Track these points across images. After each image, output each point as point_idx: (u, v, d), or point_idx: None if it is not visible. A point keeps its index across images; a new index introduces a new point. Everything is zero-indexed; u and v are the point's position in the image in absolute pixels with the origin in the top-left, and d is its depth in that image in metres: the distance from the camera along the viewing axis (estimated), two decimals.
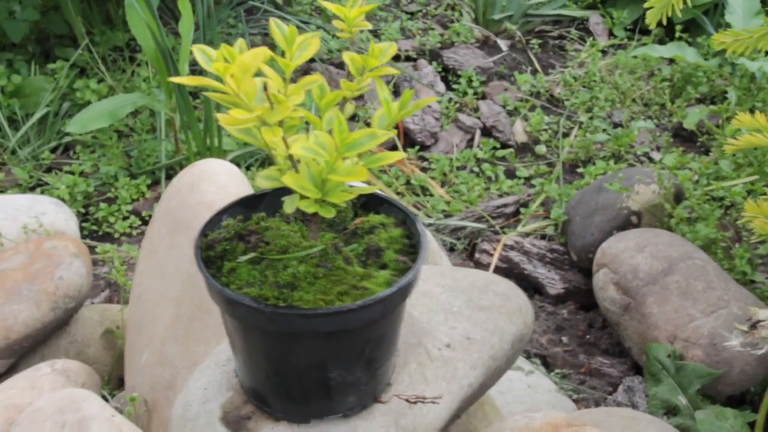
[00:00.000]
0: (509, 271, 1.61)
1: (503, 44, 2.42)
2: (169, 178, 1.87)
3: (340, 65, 2.34)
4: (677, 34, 2.32)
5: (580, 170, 1.88)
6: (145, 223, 1.78)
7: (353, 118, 2.06)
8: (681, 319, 1.32)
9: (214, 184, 1.19)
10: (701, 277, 1.36)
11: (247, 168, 1.90)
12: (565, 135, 2.08)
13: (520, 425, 0.85)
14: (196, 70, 2.09)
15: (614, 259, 1.43)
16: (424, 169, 1.96)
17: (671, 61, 2.31)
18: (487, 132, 2.09)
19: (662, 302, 1.35)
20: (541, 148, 2.02)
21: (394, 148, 2.03)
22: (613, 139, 1.96)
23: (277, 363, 0.78)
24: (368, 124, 2.08)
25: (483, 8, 2.49)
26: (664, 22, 1.11)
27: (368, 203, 0.89)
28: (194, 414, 0.87)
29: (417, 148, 2.01)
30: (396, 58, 2.35)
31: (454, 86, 2.23)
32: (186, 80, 0.68)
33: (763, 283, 1.48)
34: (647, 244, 1.43)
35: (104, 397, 1.24)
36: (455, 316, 0.97)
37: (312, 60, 2.36)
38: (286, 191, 0.82)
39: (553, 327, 1.50)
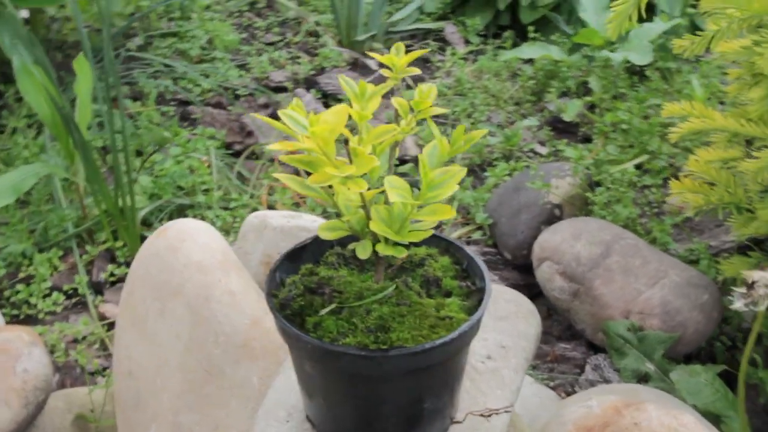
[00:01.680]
0: None
1: (372, 64, 2.51)
2: (80, 246, 1.80)
3: (217, 105, 2.33)
4: (530, 35, 2.50)
5: (486, 174, 1.99)
6: (69, 297, 1.70)
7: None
8: (629, 295, 1.46)
9: (197, 243, 1.18)
10: (636, 253, 1.51)
11: (160, 221, 1.86)
12: None
13: (581, 414, 0.93)
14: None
15: (555, 251, 1.55)
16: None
17: (528, 60, 2.49)
18: None
19: (608, 282, 1.48)
20: None
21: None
22: (504, 140, 2.10)
23: (375, 405, 0.81)
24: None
25: (346, 30, 2.56)
26: (622, 32, 1.21)
27: None
28: None
29: None
30: (273, 89, 2.37)
31: None
32: (280, 146, 0.70)
33: (676, 250, 1.66)
34: (581, 233, 1.56)
35: None
36: (482, 328, 1.04)
37: (187, 102, 2.34)
38: (329, 240, 0.85)
39: None
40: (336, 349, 0.76)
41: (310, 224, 1.32)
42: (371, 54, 0.90)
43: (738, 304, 1.00)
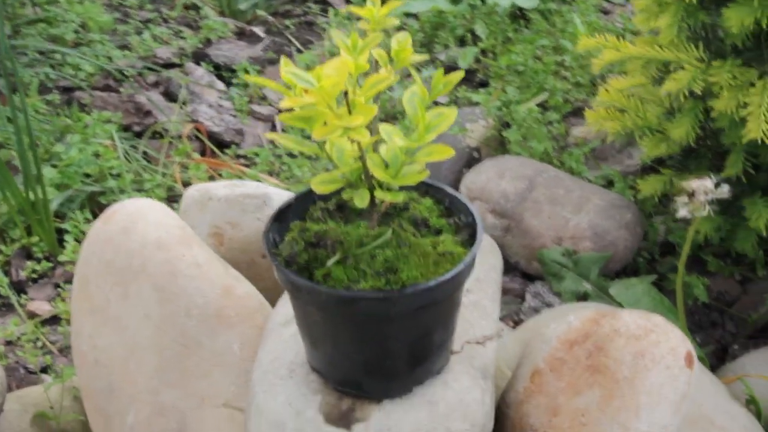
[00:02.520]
0: None
1: (259, 31, 2.49)
2: None
3: (105, 88, 2.25)
4: None
5: None
6: None
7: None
8: (559, 222, 1.55)
9: (151, 222, 1.16)
10: (558, 184, 1.60)
11: (72, 211, 1.79)
12: None
13: (563, 330, 0.99)
14: None
15: (482, 191, 1.62)
16: (247, 166, 1.99)
17: (412, 14, 2.53)
18: None
19: (537, 214, 1.57)
20: None
21: (203, 152, 2.03)
22: None
23: (388, 344, 0.85)
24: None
25: (227, 0, 2.52)
26: None
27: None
28: (294, 429, 0.90)
29: (233, 148, 2.03)
30: (162, 66, 2.31)
31: (234, 81, 2.26)
32: (290, 102, 0.71)
33: (588, 178, 1.77)
34: (504, 170, 1.63)
35: None
36: None
37: (72, 89, 2.25)
38: (309, 197, 0.88)
39: None
40: (353, 295, 0.79)
41: (255, 190, 1.31)
42: (357, 12, 0.90)
43: (683, 212, 1.09)
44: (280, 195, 1.31)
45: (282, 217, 0.91)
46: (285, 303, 1.07)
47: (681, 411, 0.96)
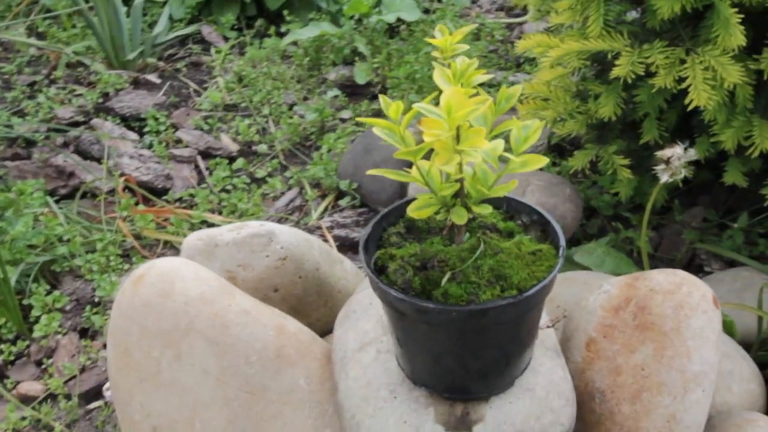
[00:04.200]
0: (345, 244, 1.69)
1: (154, 78, 2.34)
2: None
3: (14, 157, 2.04)
4: (287, 18, 2.49)
5: (319, 146, 1.98)
6: None
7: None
8: None
9: (187, 278, 1.07)
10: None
11: (27, 285, 1.61)
12: (265, 130, 2.15)
13: (604, 299, 1.02)
14: None
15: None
16: (188, 208, 1.88)
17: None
18: (206, 155, 2.06)
19: None
20: (262, 147, 2.07)
21: (137, 203, 1.89)
22: (317, 114, 2.09)
23: (506, 344, 0.83)
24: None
25: (114, 53, 2.35)
26: None
27: None
28: None
29: (169, 193, 1.90)
30: (69, 125, 2.12)
31: (145, 130, 2.12)
32: (428, 136, 0.68)
33: None
34: None
35: None
36: None
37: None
38: (380, 225, 0.85)
39: None
40: (484, 307, 0.77)
41: (259, 229, 1.24)
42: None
43: (665, 178, 1.14)
44: (281, 229, 1.25)
45: (368, 249, 0.87)
46: (351, 329, 1.03)
47: (719, 347, 1.01)
